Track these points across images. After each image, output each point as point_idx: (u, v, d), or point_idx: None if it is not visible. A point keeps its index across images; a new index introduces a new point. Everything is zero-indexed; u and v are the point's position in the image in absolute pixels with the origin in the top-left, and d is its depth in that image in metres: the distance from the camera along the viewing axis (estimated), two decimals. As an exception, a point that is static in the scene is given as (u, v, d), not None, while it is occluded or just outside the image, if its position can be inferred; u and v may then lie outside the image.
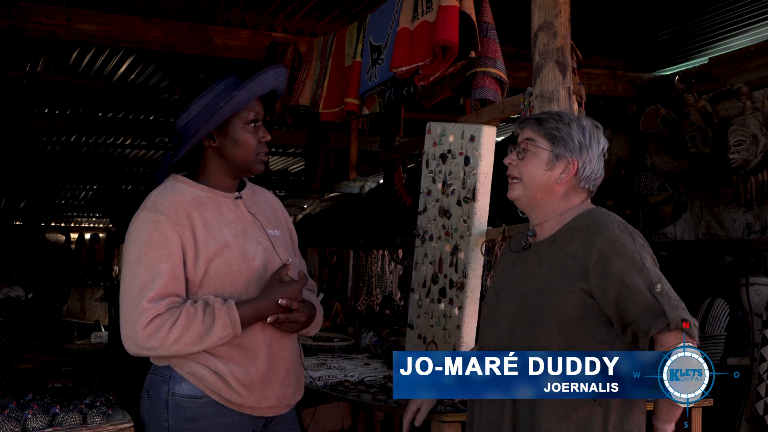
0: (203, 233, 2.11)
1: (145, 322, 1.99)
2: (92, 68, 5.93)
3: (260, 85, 2.20)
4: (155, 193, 2.15)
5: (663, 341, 1.90)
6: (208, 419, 2.09)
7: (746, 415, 4.55)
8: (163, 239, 2.06)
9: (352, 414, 3.81)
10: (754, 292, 4.73)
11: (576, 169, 2.05)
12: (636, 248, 1.95)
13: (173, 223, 2.08)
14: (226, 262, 2.11)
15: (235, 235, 2.16)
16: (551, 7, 2.72)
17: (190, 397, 2.09)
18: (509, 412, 1.98)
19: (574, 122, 2.07)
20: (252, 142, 2.20)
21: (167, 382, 2.11)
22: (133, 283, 2.03)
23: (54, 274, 11.84)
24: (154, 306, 2.00)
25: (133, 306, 2.01)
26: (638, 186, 6.03)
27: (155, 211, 2.09)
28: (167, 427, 2.09)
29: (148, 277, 2.03)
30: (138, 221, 2.11)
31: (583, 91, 3.16)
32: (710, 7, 4.84)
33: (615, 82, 6.21)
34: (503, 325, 2.06)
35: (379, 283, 6.59)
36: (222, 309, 2.04)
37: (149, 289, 2.01)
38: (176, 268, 2.06)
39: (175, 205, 2.10)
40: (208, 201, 2.17)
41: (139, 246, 2.07)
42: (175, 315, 2.01)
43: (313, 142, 6.17)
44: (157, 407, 2.11)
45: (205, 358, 2.08)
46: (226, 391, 2.10)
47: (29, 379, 3.25)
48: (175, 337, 1.99)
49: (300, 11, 4.86)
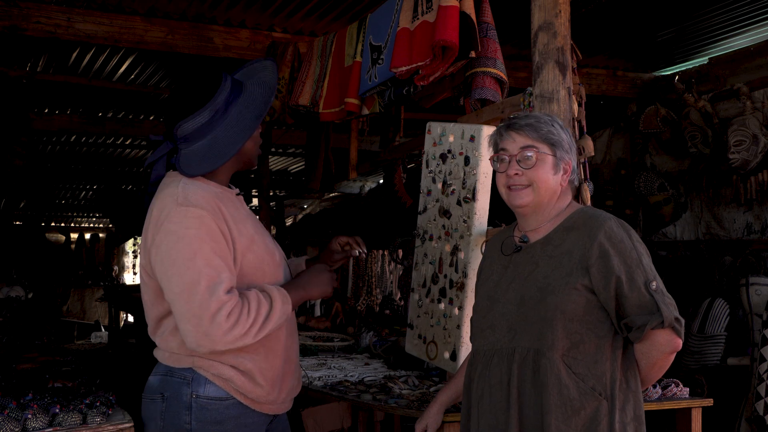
0: (234, 228, 2.11)
1: (226, 314, 1.97)
2: (92, 68, 5.93)
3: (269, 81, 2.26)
4: (182, 189, 2.08)
5: (654, 338, 1.94)
6: (232, 420, 2.10)
7: (746, 415, 4.55)
8: (211, 233, 2.04)
9: (352, 414, 3.81)
10: (754, 292, 4.73)
11: (570, 169, 2.08)
12: (633, 244, 1.97)
13: (214, 217, 2.06)
14: (256, 257, 2.14)
15: (255, 230, 2.20)
16: (551, 7, 2.72)
17: (216, 399, 2.09)
18: (515, 415, 1.98)
19: (556, 123, 2.10)
20: (259, 138, 2.26)
21: (189, 384, 2.09)
22: (197, 279, 1.98)
23: (54, 274, 11.84)
24: (232, 296, 1.99)
25: (204, 302, 1.96)
26: (638, 186, 6.03)
27: (194, 206, 2.04)
28: (189, 429, 2.08)
29: (212, 271, 1.99)
30: (175, 218, 2.03)
31: (583, 91, 3.15)
32: (710, 7, 4.84)
33: (615, 82, 6.21)
34: (501, 327, 2.05)
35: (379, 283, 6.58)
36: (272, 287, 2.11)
37: (219, 283, 1.98)
38: (229, 260, 2.06)
39: (209, 199, 2.08)
40: (225, 196, 2.18)
41: (189, 242, 2.01)
42: (245, 301, 2.02)
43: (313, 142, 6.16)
44: (176, 409, 2.09)
45: (233, 358, 2.08)
46: (252, 391, 2.11)
47: (29, 379, 3.25)
48: (251, 322, 2.00)
49: (300, 11, 4.86)
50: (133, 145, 8.88)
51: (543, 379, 1.94)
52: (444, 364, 2.99)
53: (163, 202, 2.08)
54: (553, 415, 1.92)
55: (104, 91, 6.45)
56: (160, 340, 2.15)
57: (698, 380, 4.62)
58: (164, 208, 2.06)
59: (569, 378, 1.93)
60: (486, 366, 2.07)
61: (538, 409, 1.95)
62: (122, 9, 4.75)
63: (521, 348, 2.00)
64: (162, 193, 2.12)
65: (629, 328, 1.94)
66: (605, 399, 1.94)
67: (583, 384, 1.93)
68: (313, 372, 3.93)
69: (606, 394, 1.94)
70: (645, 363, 2.01)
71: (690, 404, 3.27)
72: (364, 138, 6.62)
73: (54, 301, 11.22)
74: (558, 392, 1.92)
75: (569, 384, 1.93)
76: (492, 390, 2.04)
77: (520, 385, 1.99)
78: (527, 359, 1.98)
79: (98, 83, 6.13)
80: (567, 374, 1.93)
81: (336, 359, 4.51)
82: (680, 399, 3.28)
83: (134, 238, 14.05)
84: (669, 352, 1.97)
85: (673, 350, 1.96)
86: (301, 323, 5.56)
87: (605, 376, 1.95)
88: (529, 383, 1.97)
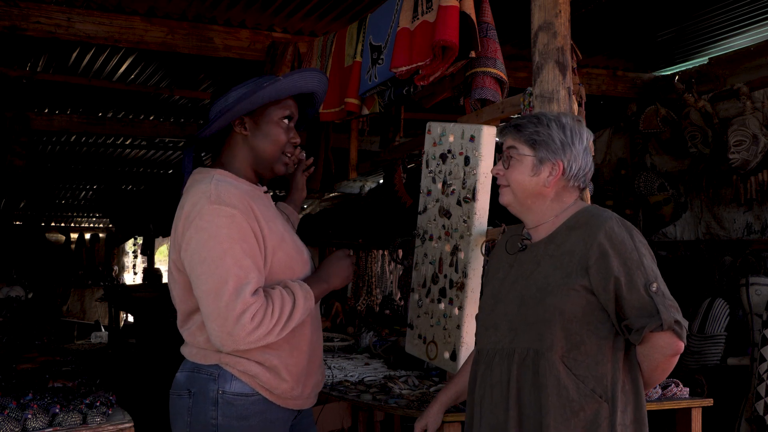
0: (265, 226, 2.11)
1: (251, 315, 1.99)
2: (92, 68, 5.93)
3: (304, 79, 2.22)
4: (214, 187, 2.08)
5: (654, 340, 1.93)
6: (258, 416, 2.12)
7: (746, 415, 4.55)
8: (242, 232, 2.04)
9: (352, 414, 3.81)
10: (754, 292, 4.73)
11: (562, 169, 2.04)
12: (635, 245, 1.95)
13: (246, 217, 2.06)
14: (286, 255, 2.15)
15: (284, 228, 2.21)
16: (551, 7, 2.72)
17: (242, 395, 2.11)
18: (514, 415, 1.98)
19: (554, 122, 2.05)
20: (282, 138, 2.21)
21: (216, 380, 2.11)
22: (225, 279, 1.99)
23: (54, 274, 11.85)
24: (258, 297, 2.01)
25: (231, 303, 1.98)
26: (638, 186, 6.03)
27: (226, 205, 2.04)
28: (216, 425, 2.10)
29: (240, 272, 2.00)
30: (207, 216, 2.03)
31: (583, 91, 3.16)
32: (710, 7, 4.84)
33: (615, 82, 6.21)
34: (503, 327, 2.05)
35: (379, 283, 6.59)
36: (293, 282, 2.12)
37: (246, 284, 2.00)
38: (259, 260, 2.07)
39: (241, 198, 2.08)
40: (255, 194, 2.18)
41: (220, 241, 2.01)
42: (270, 301, 2.04)
43: (313, 142, 6.16)
44: (203, 405, 2.12)
45: (259, 354, 2.10)
46: (277, 387, 2.13)
47: (29, 379, 3.25)
48: (275, 321, 2.02)
49: (300, 11, 4.85)
50: (133, 145, 8.88)
51: (542, 380, 1.93)
52: (444, 364, 2.99)
53: (195, 197, 2.07)
54: (552, 416, 1.91)
55: (104, 91, 6.45)
56: (187, 333, 2.18)
57: (698, 380, 4.62)
58: (196, 204, 2.05)
59: (569, 379, 1.93)
60: (488, 366, 2.07)
61: (537, 409, 1.94)
62: (122, 9, 4.75)
63: (521, 348, 1.99)
64: (193, 188, 2.11)
65: (629, 330, 1.93)
66: (606, 401, 1.93)
67: (582, 385, 1.93)
68: (313, 372, 3.93)
69: (607, 396, 1.93)
70: (647, 365, 2.00)
71: (690, 404, 3.27)
72: (364, 138, 6.62)
73: (54, 301, 11.23)
74: (557, 393, 1.92)
75: (568, 385, 1.92)
76: (492, 390, 2.04)
77: (520, 386, 1.98)
78: (527, 360, 1.98)
79: (98, 83, 6.13)
80: (566, 375, 1.93)
81: (336, 359, 4.51)
82: (680, 399, 3.28)
83: (134, 238, 14.04)
84: (670, 355, 1.95)
85: (675, 353, 1.94)
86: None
87: (606, 377, 1.94)
88: (529, 384, 1.97)
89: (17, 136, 6.58)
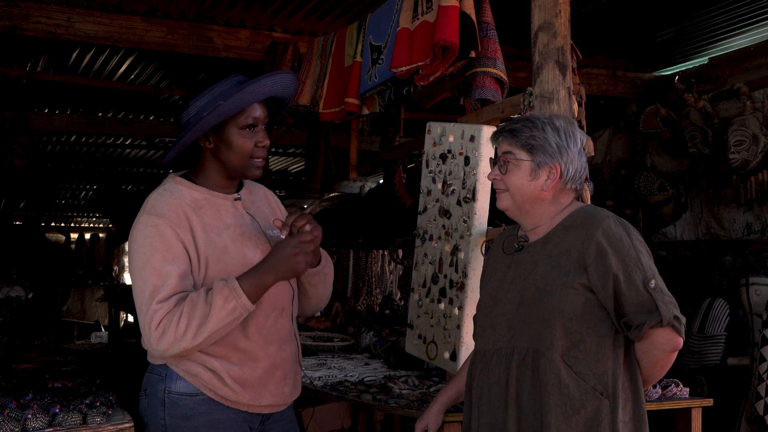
0: (203, 237, 2.09)
1: (156, 324, 1.96)
2: (92, 68, 5.93)
3: (259, 89, 2.14)
4: (154, 196, 2.13)
5: (654, 337, 1.94)
6: (203, 416, 2.10)
7: (746, 415, 4.55)
8: (167, 242, 2.04)
9: (352, 414, 3.81)
10: (754, 292, 4.73)
11: (560, 172, 2.04)
12: (632, 243, 1.96)
13: (175, 226, 2.06)
14: (224, 268, 2.09)
15: (233, 239, 2.15)
16: (551, 7, 2.72)
17: (186, 394, 2.10)
18: (513, 414, 1.98)
19: (548, 125, 2.04)
20: (246, 147, 2.15)
21: (163, 380, 2.11)
22: (143, 288, 2.01)
23: (54, 274, 11.84)
24: (165, 304, 1.98)
25: (145, 311, 1.99)
26: (638, 186, 6.03)
27: (155, 215, 2.07)
28: (164, 425, 2.10)
29: (158, 281, 2.00)
30: (139, 226, 2.08)
31: (583, 91, 3.16)
32: (710, 7, 4.84)
33: (615, 82, 6.21)
34: (501, 327, 2.06)
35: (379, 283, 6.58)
36: (219, 283, 2.01)
37: (159, 292, 1.99)
38: (184, 268, 2.04)
39: (175, 208, 2.09)
40: (206, 203, 2.15)
41: (144, 251, 2.04)
42: (180, 306, 1.98)
43: (313, 142, 6.17)
44: (155, 405, 2.12)
45: (200, 356, 2.08)
46: (221, 388, 2.10)
47: (29, 379, 3.24)
48: (184, 327, 1.96)
49: (300, 11, 4.86)
50: (133, 145, 8.88)
51: (542, 379, 1.94)
52: (444, 364, 2.99)
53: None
54: (553, 415, 1.91)
55: (104, 91, 6.46)
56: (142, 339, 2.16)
57: (698, 380, 4.62)
58: (138, 215, 2.12)
59: (569, 377, 1.93)
60: (486, 365, 2.07)
61: (537, 409, 1.95)
62: (122, 9, 4.75)
63: (520, 348, 2.00)
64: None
65: (628, 327, 1.93)
66: (606, 398, 1.94)
67: (583, 383, 1.93)
68: (313, 372, 3.93)
69: (607, 393, 1.94)
70: (646, 362, 2.01)
71: (690, 404, 3.27)
72: (364, 138, 6.63)
73: (54, 301, 11.22)
74: (558, 392, 1.92)
75: (569, 383, 1.93)
76: (491, 389, 2.04)
77: (519, 385, 1.99)
78: (526, 359, 1.98)
79: (98, 83, 6.14)
80: (567, 374, 1.93)
81: (336, 359, 4.51)
82: (680, 399, 3.28)
83: (134, 238, 14.02)
84: (670, 351, 1.96)
85: (674, 349, 1.96)
86: (301, 323, 5.55)
87: (607, 375, 1.95)
88: (528, 383, 1.97)
89: (17, 136, 6.58)
